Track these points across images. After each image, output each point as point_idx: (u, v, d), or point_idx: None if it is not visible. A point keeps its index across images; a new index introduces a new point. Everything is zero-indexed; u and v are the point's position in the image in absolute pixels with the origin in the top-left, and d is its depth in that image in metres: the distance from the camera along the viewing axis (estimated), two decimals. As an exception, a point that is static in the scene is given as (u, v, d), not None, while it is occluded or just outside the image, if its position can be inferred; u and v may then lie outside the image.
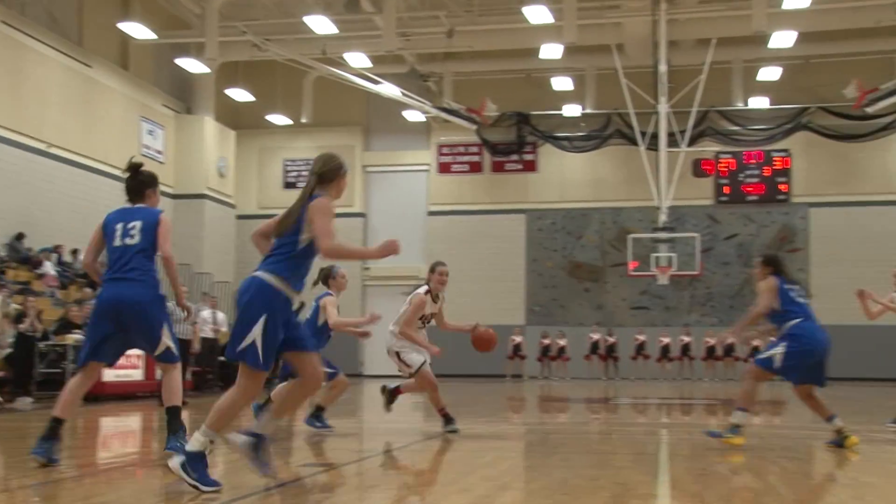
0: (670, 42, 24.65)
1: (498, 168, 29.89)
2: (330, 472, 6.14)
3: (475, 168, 29.99)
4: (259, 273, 5.08)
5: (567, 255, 29.01)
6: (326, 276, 8.92)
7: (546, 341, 27.63)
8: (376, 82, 26.31)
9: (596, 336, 27.69)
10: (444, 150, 30.52)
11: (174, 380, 6.43)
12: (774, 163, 28.88)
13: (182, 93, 28.32)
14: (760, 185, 28.83)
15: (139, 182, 6.52)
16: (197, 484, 4.88)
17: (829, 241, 28.05)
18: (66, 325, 15.77)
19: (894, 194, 28.03)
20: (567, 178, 28.89)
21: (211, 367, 19.24)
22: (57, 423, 6.06)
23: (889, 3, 22.91)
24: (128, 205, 6.53)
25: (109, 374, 15.08)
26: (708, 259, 27.22)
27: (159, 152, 26.62)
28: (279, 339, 5.02)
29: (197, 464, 4.90)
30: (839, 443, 7.53)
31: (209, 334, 18.80)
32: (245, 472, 6.04)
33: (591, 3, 24.43)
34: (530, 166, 29.77)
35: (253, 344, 4.90)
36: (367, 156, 31.13)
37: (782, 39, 24.56)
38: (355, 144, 30.80)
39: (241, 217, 29.68)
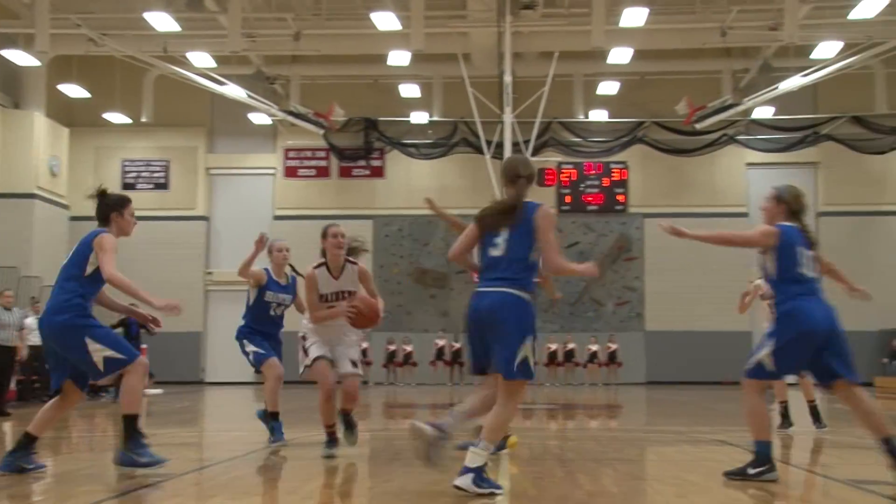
0: (515, 54, 25.07)
1: (345, 173, 30.02)
2: (169, 481, 6.00)
3: (322, 173, 30.04)
4: (510, 290, 5.47)
5: (413, 261, 29.34)
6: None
7: (392, 347, 27.91)
8: (221, 83, 26.00)
9: (441, 342, 28.10)
10: (291, 154, 30.40)
11: (128, 384, 6.26)
12: (613, 174, 29.98)
13: (9, 86, 27.31)
14: (600, 196, 29.90)
15: (103, 206, 6.58)
16: (492, 491, 5.18)
17: (661, 250, 29.19)
18: None
19: (720, 207, 29.53)
20: (414, 184, 29.10)
21: (38, 376, 18.59)
22: (28, 438, 6.25)
23: (715, 27, 24.26)
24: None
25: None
26: (549, 266, 28.00)
27: (-18, 149, 25.43)
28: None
29: (482, 477, 5.17)
30: (501, 446, 7.16)
31: (35, 342, 18.06)
32: (82, 482, 5.83)
33: (438, 11, 24.78)
34: (378, 172, 30.08)
35: (525, 360, 5.35)
36: (211, 158, 30.76)
37: (619, 55, 25.62)
38: (198, 146, 30.51)
39: (74, 219, 28.54)
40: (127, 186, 30.03)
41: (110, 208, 6.55)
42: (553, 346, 27.39)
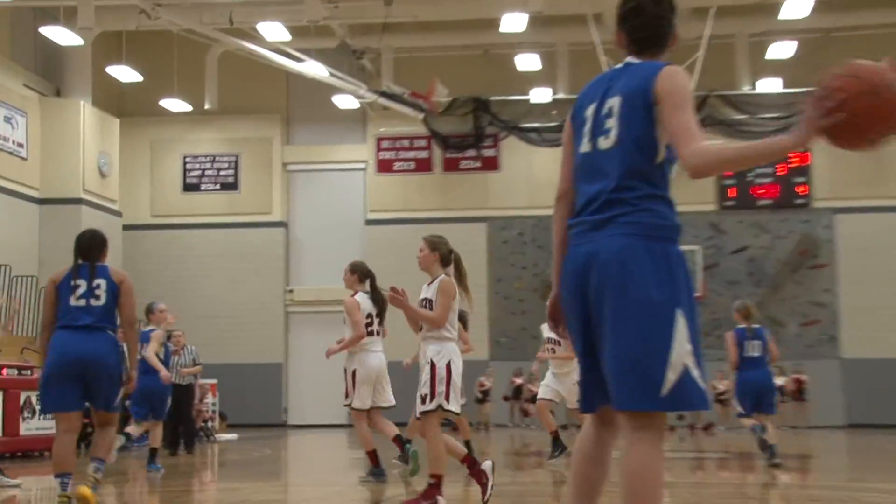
0: (660, 10, 24.86)
1: (451, 166, 30.23)
2: None
3: (423, 166, 30.37)
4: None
5: (539, 272, 28.95)
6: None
7: (518, 381, 27.98)
8: (298, 60, 26.41)
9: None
10: (385, 145, 30.72)
11: None
12: (790, 160, 29.19)
13: (50, 70, 27.92)
14: (774, 187, 29.37)
15: None
16: None
17: (860, 253, 28.66)
18: None
19: (934, 196, 29.11)
20: (536, 177, 29.14)
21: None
22: None
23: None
24: None
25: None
26: (712, 277, 27.98)
27: (20, 145, 26.06)
28: None
29: None
30: None
31: None
32: None
33: (563, -38, 25.06)
34: (491, 164, 30.40)
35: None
36: (289, 151, 31.40)
37: (796, 9, 24.99)
38: (273, 137, 31.16)
39: (128, 227, 29.43)
40: (189, 188, 30.91)
41: None
42: (720, 387, 26.62)
